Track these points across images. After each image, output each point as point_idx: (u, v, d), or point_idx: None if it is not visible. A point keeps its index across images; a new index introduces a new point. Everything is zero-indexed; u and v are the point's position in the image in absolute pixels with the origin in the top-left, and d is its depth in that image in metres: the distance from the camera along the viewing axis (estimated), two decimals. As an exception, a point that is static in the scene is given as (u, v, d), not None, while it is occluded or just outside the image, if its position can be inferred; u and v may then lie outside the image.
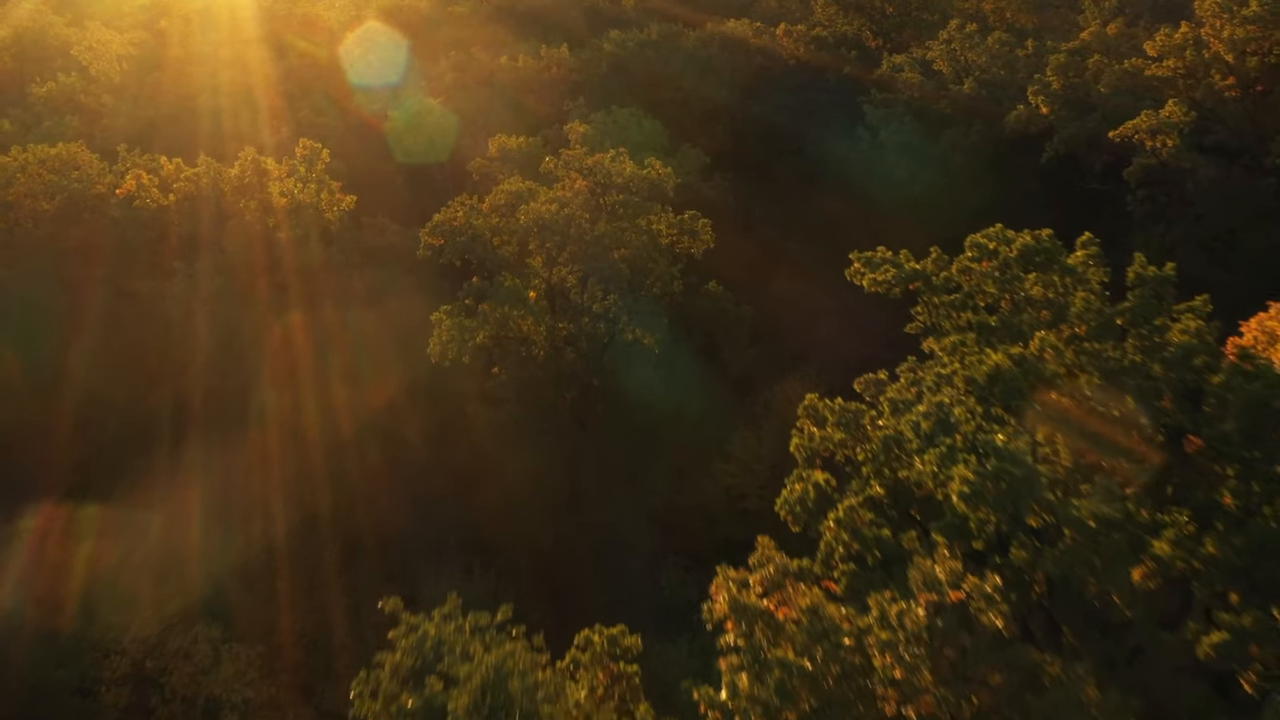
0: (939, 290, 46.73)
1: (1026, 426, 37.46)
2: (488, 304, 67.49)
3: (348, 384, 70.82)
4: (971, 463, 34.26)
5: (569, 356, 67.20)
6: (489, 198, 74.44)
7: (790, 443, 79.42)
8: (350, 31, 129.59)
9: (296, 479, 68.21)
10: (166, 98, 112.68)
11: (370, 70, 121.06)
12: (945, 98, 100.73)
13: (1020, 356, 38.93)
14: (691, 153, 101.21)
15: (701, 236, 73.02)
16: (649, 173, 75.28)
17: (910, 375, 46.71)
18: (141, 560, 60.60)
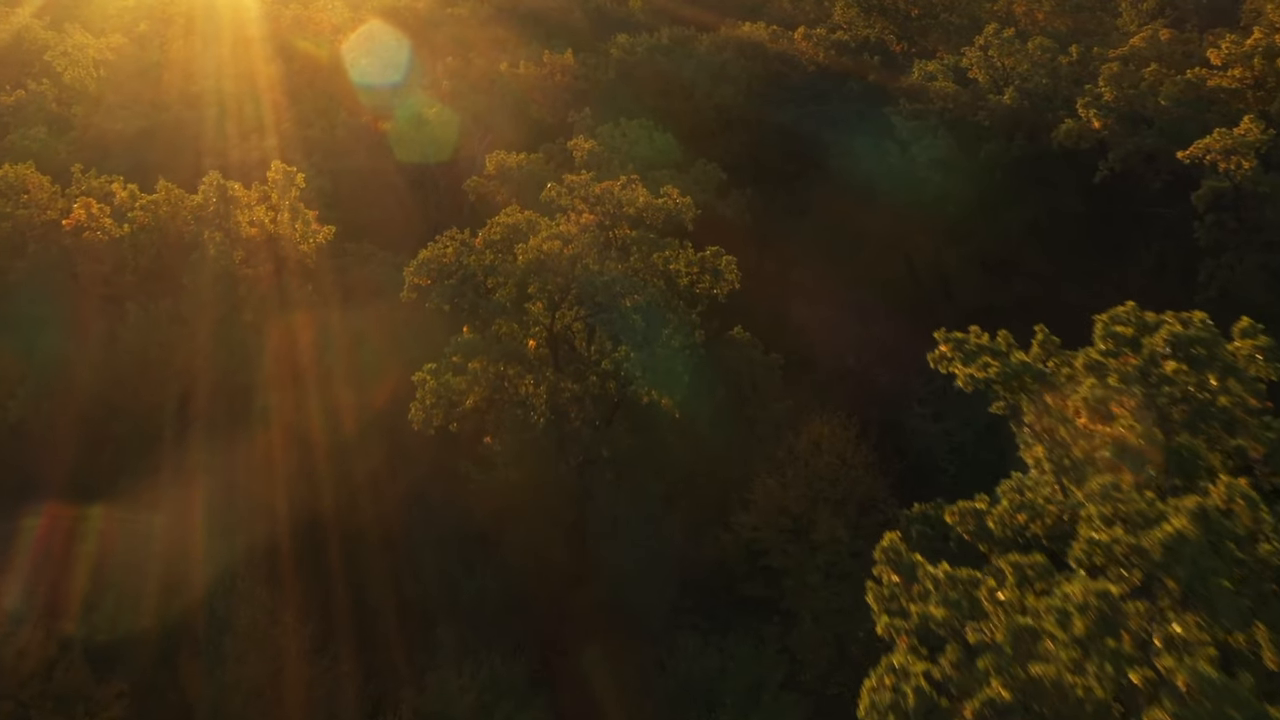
0: (1056, 388, 34.29)
1: (1228, 628, 25.11)
2: (480, 360, 55.15)
3: (319, 450, 58.80)
4: (1165, 703, 21.94)
5: (574, 423, 54.85)
6: (482, 232, 62.05)
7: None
8: (343, 35, 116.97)
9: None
10: (143, 107, 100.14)
11: (363, 77, 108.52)
12: (984, 109, 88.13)
13: (1203, 511, 26.51)
14: (707, 169, 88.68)
15: (726, 276, 60.66)
16: (665, 202, 62.85)
17: (1017, 498, 34.36)
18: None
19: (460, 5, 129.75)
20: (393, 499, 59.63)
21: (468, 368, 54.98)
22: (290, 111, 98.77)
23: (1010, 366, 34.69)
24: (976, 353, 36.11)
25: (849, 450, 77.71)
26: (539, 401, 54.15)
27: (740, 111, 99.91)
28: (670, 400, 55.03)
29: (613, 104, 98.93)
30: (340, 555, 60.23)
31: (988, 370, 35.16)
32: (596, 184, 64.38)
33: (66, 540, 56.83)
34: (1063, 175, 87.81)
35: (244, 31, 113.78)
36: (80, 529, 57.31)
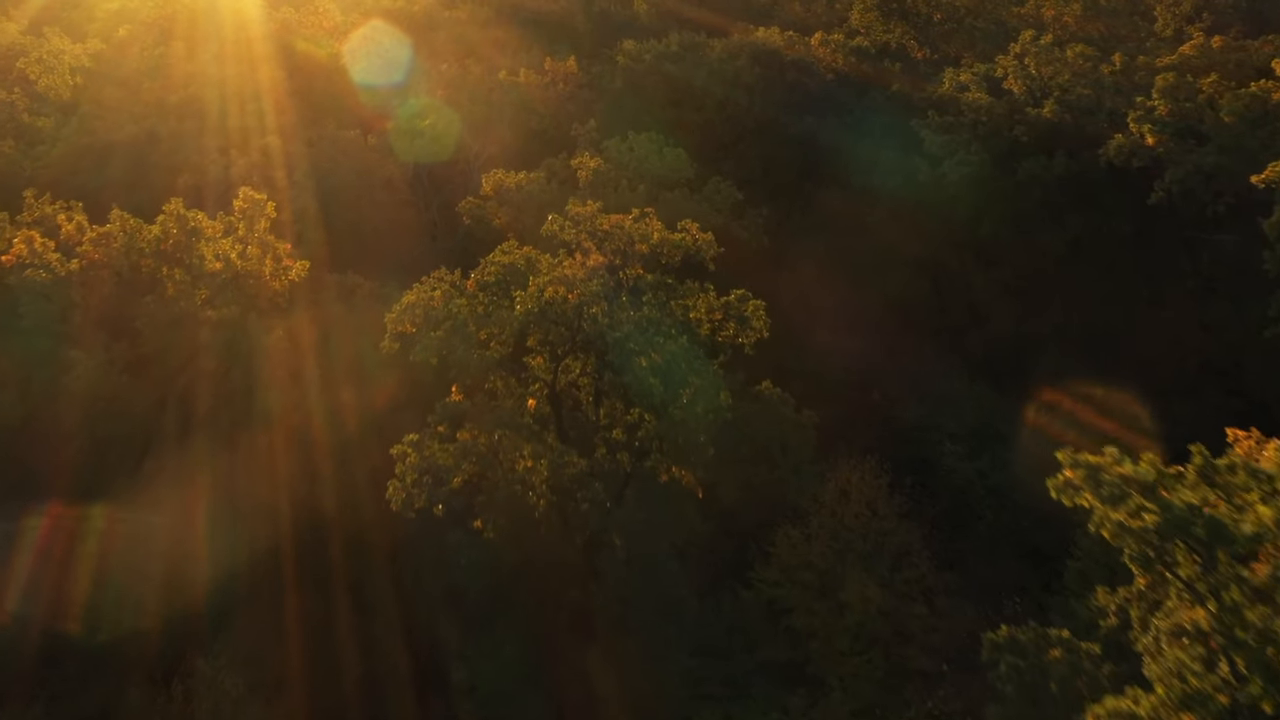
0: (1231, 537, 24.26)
1: None
2: (469, 429, 45.04)
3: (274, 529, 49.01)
4: None
5: (580, 505, 44.73)
6: (475, 273, 51.94)
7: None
8: (335, 40, 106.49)
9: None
10: (120, 118, 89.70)
11: (355, 85, 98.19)
12: (1021, 122, 77.82)
13: None
14: (722, 187, 78.50)
15: (753, 324, 50.54)
16: (683, 238, 52.69)
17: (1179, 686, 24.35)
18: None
19: (459, 8, 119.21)
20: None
21: (455, 438, 44.85)
22: (276, 122, 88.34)
23: (1175, 514, 24.38)
24: (1119, 491, 25.62)
25: (879, 498, 68.23)
26: (538, 479, 44.00)
27: (755, 123, 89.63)
28: (692, 476, 44.97)
29: (619, 115, 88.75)
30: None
31: (1143, 518, 24.86)
32: (605, 217, 54.08)
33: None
34: (1107, 194, 77.60)
35: (230, 37, 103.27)
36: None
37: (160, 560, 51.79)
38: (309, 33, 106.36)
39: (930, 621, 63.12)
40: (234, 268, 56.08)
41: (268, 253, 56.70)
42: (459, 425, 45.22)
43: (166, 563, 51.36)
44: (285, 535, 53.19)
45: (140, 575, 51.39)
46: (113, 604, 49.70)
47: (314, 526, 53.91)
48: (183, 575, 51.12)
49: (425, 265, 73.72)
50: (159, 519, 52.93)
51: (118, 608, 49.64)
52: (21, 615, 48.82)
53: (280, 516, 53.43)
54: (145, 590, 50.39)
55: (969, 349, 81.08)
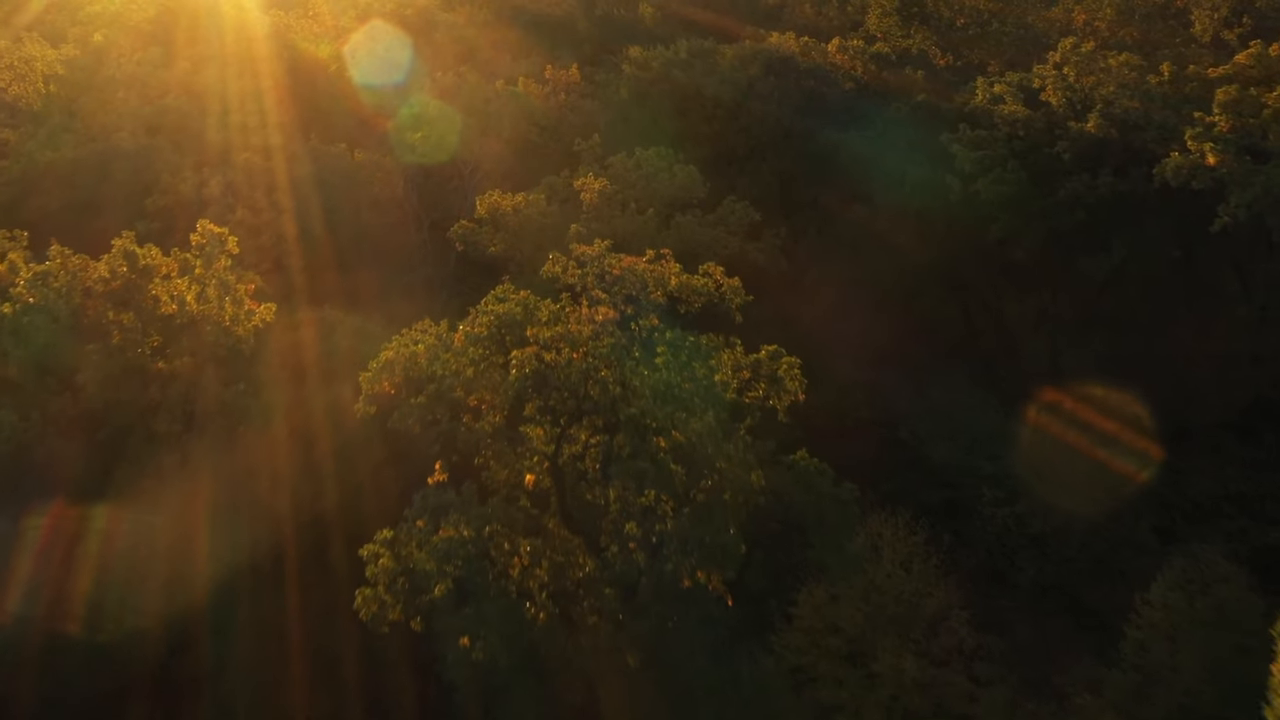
0: None
1: None
2: (454, 524, 35.90)
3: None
4: None
5: (587, 616, 35.57)
6: (464, 325, 42.75)
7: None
8: (324, 46, 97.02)
9: None
10: (95, 130, 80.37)
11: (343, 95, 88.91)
12: (1064, 137, 68.52)
13: None
14: (738, 208, 69.35)
15: (787, 386, 41.39)
16: (706, 284, 43.53)
17: None
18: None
19: (457, 10, 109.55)
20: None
21: (437, 535, 35.70)
22: (257, 136, 79.01)
23: None
24: None
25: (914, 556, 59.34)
26: (537, 585, 34.89)
27: (770, 135, 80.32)
28: (720, 579, 35.88)
29: (625, 127, 79.51)
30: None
31: None
32: (615, 257, 44.88)
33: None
34: (1155, 216, 68.42)
35: (214, 42, 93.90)
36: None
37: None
38: (298, 37, 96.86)
39: (970, 692, 54.70)
40: (190, 312, 46.78)
41: (227, 294, 47.36)
42: (442, 516, 36.10)
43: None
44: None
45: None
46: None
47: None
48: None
49: (414, 295, 64.76)
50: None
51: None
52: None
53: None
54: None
55: (1003, 381, 71.93)
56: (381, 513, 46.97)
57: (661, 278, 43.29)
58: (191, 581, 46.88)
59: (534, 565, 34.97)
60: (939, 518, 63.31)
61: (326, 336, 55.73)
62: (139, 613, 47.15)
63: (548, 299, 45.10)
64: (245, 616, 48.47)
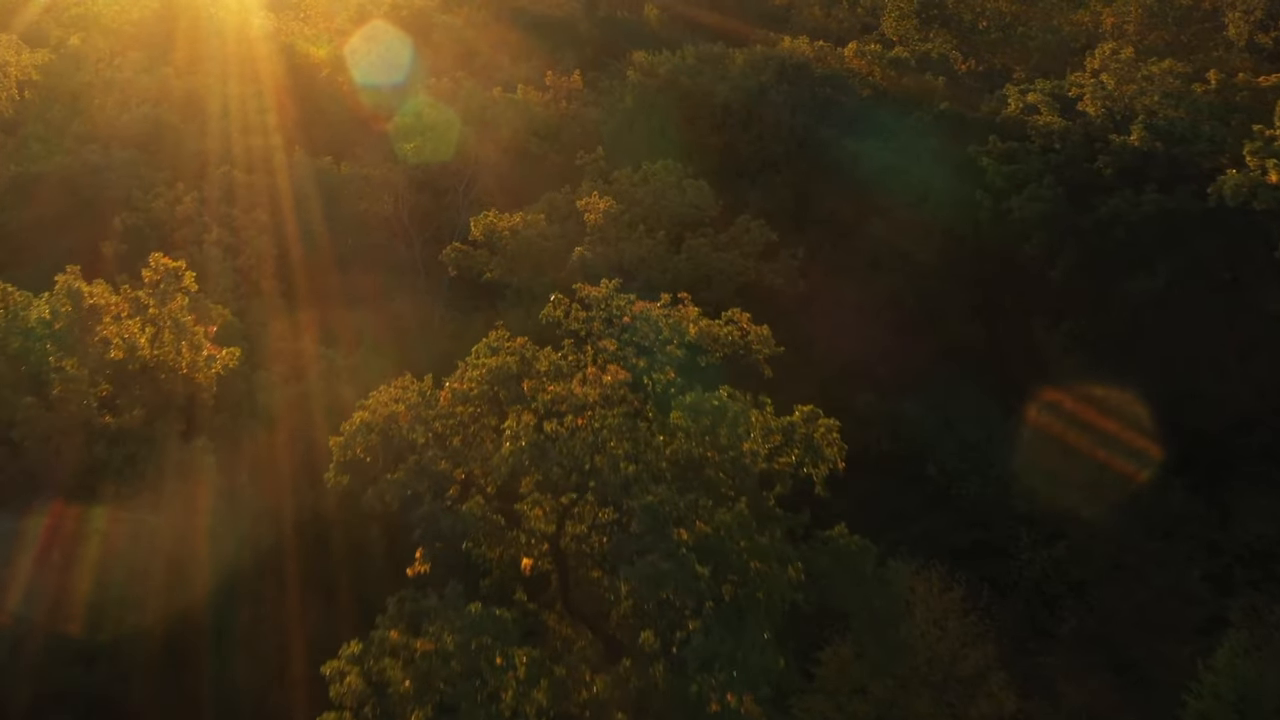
0: None
1: None
2: (435, 635, 28.81)
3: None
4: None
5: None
6: (450, 381, 35.66)
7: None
8: (314, 49, 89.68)
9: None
10: (68, 141, 73.00)
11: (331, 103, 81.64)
12: (1105, 151, 61.33)
13: None
14: (753, 227, 62.30)
15: (825, 453, 34.34)
16: (729, 332, 36.43)
17: None
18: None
19: (454, 12, 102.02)
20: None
21: (415, 650, 28.65)
22: (238, 147, 71.76)
23: None
24: None
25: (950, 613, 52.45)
26: (533, 709, 27.84)
27: (784, 146, 73.08)
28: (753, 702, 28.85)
29: (630, 137, 72.29)
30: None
31: None
32: (624, 298, 37.77)
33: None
34: (1202, 235, 61.21)
35: (197, 46, 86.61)
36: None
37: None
38: (288, 40, 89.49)
39: (1013, 766, 48.05)
40: (143, 357, 39.62)
41: (182, 337, 40.21)
42: (420, 630, 29.07)
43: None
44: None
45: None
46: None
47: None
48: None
49: (404, 324, 57.69)
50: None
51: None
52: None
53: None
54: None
55: (1038, 413, 64.75)
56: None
57: (679, 324, 36.11)
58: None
59: (531, 685, 27.95)
60: (971, 561, 56.66)
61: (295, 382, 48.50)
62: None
63: (548, 346, 38.02)
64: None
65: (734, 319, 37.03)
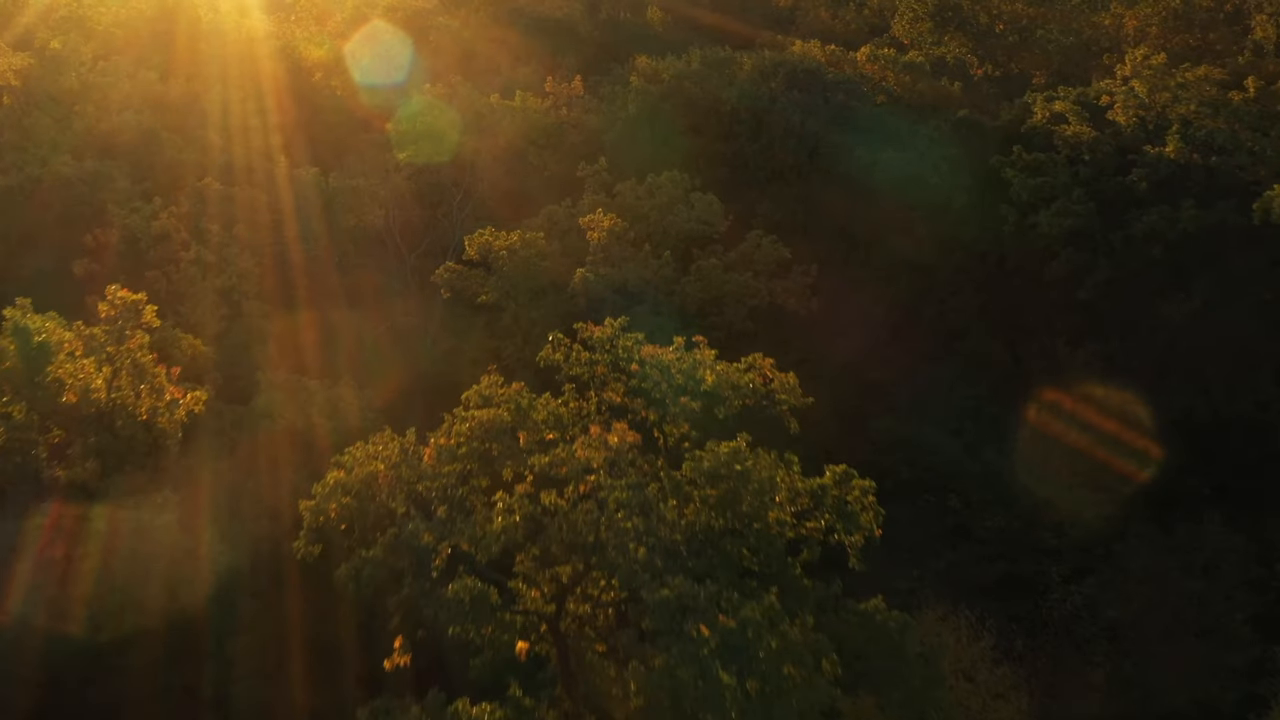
0: None
1: None
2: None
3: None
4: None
5: None
6: (435, 437, 30.74)
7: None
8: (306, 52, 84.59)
9: None
10: (42, 151, 67.75)
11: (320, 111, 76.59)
12: (1139, 164, 56.37)
13: None
14: (764, 244, 57.29)
15: (860, 521, 29.46)
16: (751, 379, 31.52)
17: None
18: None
19: (452, 14, 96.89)
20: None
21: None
22: (225, 156, 66.75)
23: None
24: None
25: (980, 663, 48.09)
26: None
27: (794, 156, 68.05)
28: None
29: (633, 146, 67.23)
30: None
31: None
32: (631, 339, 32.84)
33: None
34: (1243, 253, 56.29)
35: (183, 51, 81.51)
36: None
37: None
38: (280, 43, 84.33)
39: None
40: (98, 401, 34.71)
41: (141, 380, 35.29)
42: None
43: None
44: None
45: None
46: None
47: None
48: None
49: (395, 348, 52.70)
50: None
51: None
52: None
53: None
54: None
55: (1064, 439, 59.89)
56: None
57: (693, 370, 31.18)
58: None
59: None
60: (997, 599, 52.11)
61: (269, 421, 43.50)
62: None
63: (546, 393, 33.08)
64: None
65: (755, 364, 32.01)
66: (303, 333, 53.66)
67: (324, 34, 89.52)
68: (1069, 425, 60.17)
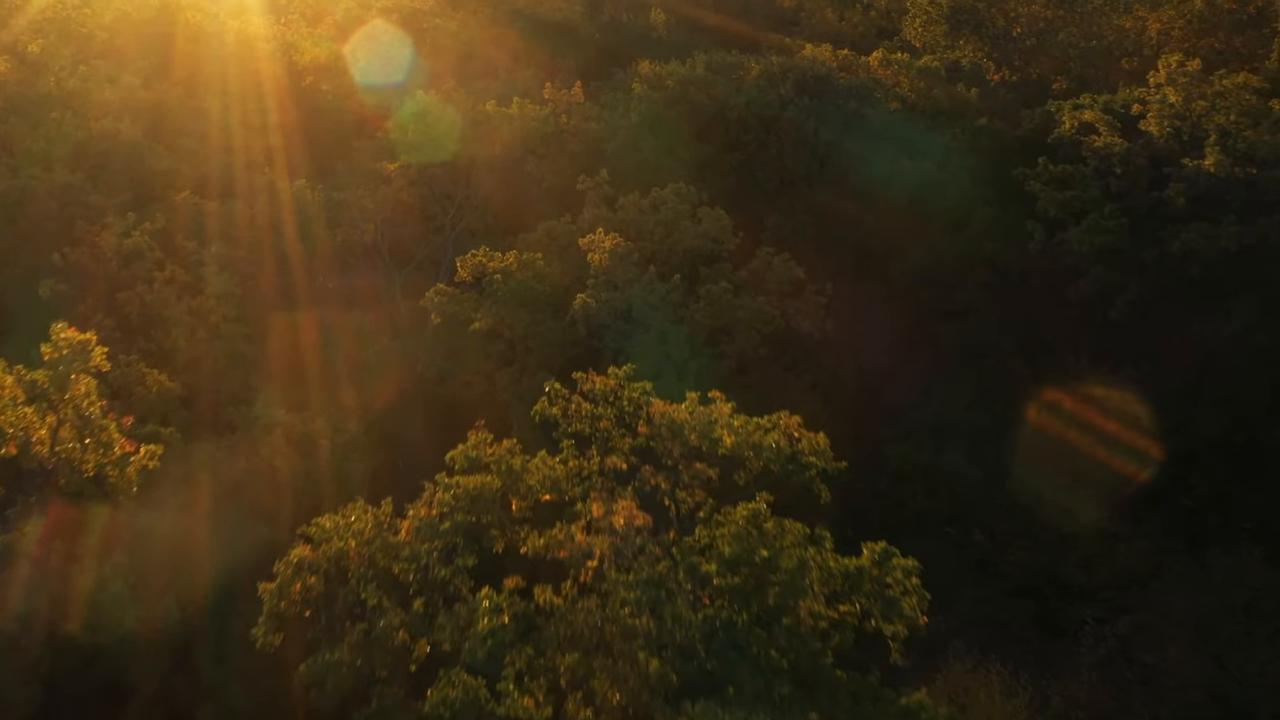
0: None
1: None
2: None
3: None
4: None
5: None
6: (413, 510, 26.06)
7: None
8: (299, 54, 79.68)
9: None
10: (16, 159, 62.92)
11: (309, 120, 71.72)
12: (1177, 178, 51.65)
13: None
14: (776, 263, 52.53)
15: (901, 606, 24.81)
16: (775, 439, 26.80)
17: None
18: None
19: (448, 16, 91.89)
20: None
21: None
22: (205, 167, 62.00)
23: None
24: None
25: (1016, 717, 43.78)
26: None
27: (805, 166, 63.30)
28: None
29: (636, 156, 62.48)
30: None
31: None
32: (638, 390, 28.15)
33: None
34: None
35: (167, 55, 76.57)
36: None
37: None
38: (269, 46, 79.39)
39: None
40: (40, 455, 30.05)
41: (86, 433, 30.67)
42: None
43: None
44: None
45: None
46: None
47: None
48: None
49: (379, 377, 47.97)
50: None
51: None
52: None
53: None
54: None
55: (1095, 467, 55.27)
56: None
57: (709, 429, 26.50)
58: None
59: None
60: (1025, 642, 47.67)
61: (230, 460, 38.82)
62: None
63: (542, 452, 28.43)
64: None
65: (780, 424, 27.31)
66: (285, 356, 48.92)
67: (317, 36, 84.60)
68: (1095, 452, 55.61)
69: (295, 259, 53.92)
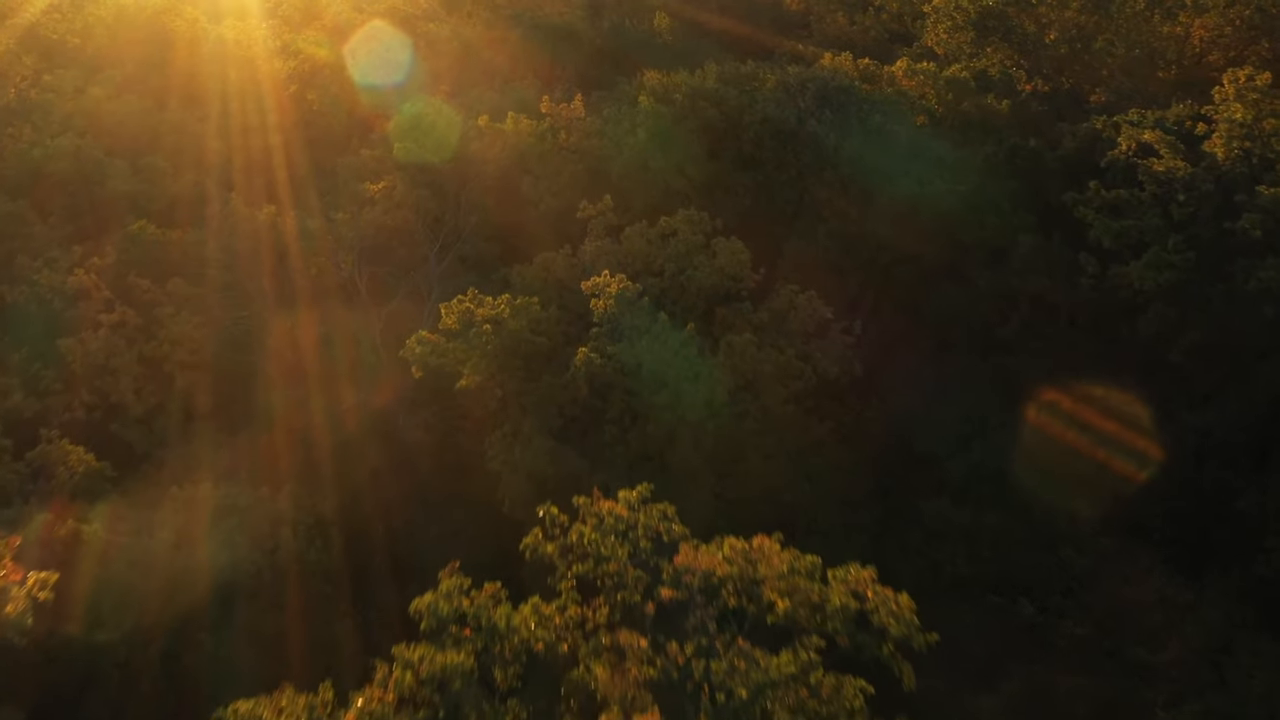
0: None
1: None
2: None
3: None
4: None
5: None
6: (361, 698, 18.44)
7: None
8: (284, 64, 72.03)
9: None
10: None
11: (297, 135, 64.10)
12: (1249, 207, 44.06)
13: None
14: (800, 301, 44.87)
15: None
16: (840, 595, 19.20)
17: None
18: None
19: (443, 20, 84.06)
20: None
21: None
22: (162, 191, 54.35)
23: None
24: None
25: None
26: None
27: (827, 187, 55.66)
28: None
29: (643, 178, 54.80)
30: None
31: None
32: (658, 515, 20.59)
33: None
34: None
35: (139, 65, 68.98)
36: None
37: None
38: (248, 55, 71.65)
39: None
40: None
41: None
42: None
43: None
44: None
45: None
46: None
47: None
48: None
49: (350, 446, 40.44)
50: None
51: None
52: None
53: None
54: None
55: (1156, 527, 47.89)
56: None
57: (752, 584, 19.01)
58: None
59: None
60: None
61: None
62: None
63: (535, 597, 20.97)
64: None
65: (850, 578, 19.87)
66: (245, 415, 41.36)
67: (304, 40, 76.85)
68: (1153, 513, 48.20)
69: (262, 298, 46.27)
